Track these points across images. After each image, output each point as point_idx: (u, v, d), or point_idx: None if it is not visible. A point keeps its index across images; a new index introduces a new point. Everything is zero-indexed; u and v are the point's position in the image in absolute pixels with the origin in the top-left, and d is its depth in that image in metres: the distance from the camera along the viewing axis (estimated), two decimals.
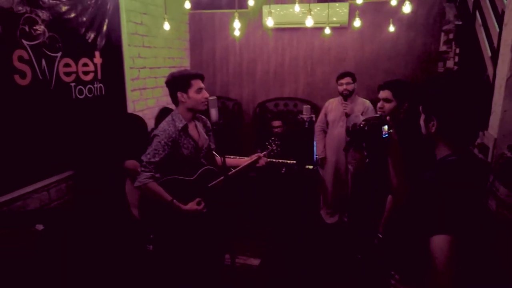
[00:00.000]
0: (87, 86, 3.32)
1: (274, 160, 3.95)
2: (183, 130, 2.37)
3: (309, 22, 3.18)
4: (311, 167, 4.04)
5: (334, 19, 4.70)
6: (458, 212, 1.14)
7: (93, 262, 2.50)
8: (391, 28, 4.36)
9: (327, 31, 4.00)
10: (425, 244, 1.15)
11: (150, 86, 4.47)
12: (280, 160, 4.00)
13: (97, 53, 3.44)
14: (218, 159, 2.66)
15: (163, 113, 3.11)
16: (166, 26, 3.72)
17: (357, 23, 4.08)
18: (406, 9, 3.09)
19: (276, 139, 2.79)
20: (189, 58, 5.51)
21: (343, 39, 4.94)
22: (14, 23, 2.60)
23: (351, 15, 4.64)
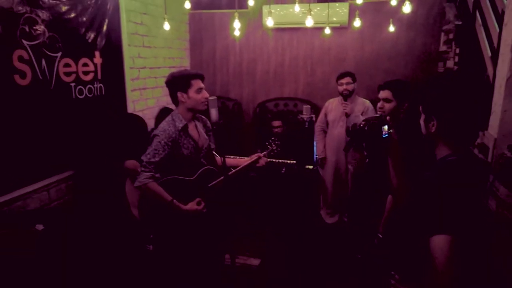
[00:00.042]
0: (87, 86, 3.32)
1: (274, 160, 3.95)
2: (183, 130, 2.37)
3: (309, 22, 3.18)
4: (311, 167, 4.05)
5: (334, 19, 4.70)
6: (458, 212, 1.14)
7: (93, 262, 2.50)
8: (391, 28, 4.36)
9: (327, 31, 4.00)
10: (425, 244, 1.15)
11: (150, 86, 4.47)
12: (280, 160, 4.00)
13: (97, 53, 3.44)
14: (218, 159, 2.66)
15: (163, 113, 3.11)
16: (166, 26, 3.72)
17: (357, 23, 4.08)
18: (406, 9, 3.09)
19: (276, 139, 2.79)
20: (189, 58, 5.51)
21: (343, 39, 4.95)
22: (14, 23, 2.60)
23: (351, 15, 4.64)
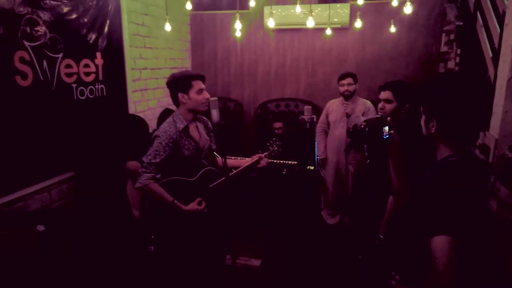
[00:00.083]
0: (88, 87, 3.33)
1: (275, 161, 3.95)
2: (184, 131, 2.37)
3: (310, 23, 3.19)
4: (312, 168, 4.05)
5: (335, 20, 4.70)
6: (459, 213, 1.14)
7: (94, 263, 2.51)
8: (392, 29, 4.36)
9: (328, 32, 4.00)
10: (426, 245, 1.15)
11: (151, 87, 4.47)
12: (281, 161, 4.00)
13: (98, 54, 3.45)
14: (219, 160, 2.66)
15: (166, 114, 3.10)
16: (167, 27, 3.73)
17: (358, 24, 4.08)
18: (407, 10, 3.09)
19: (277, 140, 2.79)
20: (190, 59, 5.52)
21: (344, 40, 4.95)
22: (16, 24, 2.60)
23: (352, 16, 4.64)
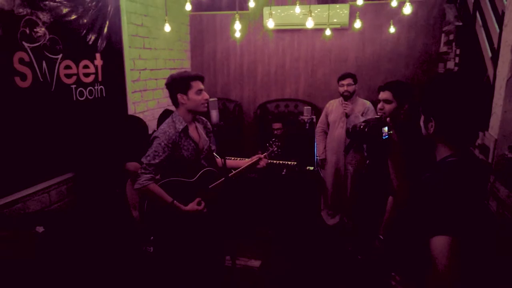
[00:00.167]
0: (88, 88, 3.33)
1: (275, 162, 3.95)
2: (184, 132, 2.37)
3: (310, 24, 3.19)
4: (312, 168, 4.04)
5: (335, 20, 4.70)
6: (458, 213, 1.13)
7: (94, 264, 2.50)
8: (392, 29, 4.36)
9: (328, 33, 3.99)
10: (426, 245, 1.15)
11: (151, 88, 4.47)
12: (281, 162, 4.00)
13: (98, 55, 3.45)
14: (219, 161, 2.66)
15: (165, 115, 3.11)
16: (167, 28, 3.72)
17: (358, 24, 4.08)
18: (407, 10, 3.09)
19: (277, 140, 2.79)
20: (190, 60, 5.52)
21: (344, 40, 4.95)
22: (15, 25, 2.60)
23: (352, 16, 4.64)
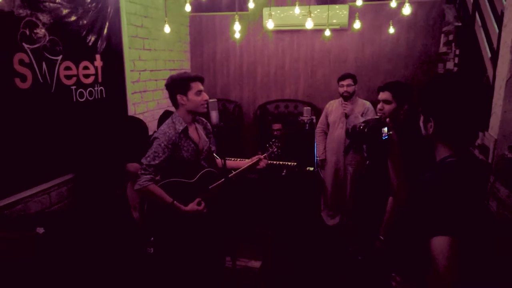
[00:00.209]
0: (88, 89, 3.33)
1: (275, 162, 3.94)
2: (183, 133, 2.37)
3: (309, 24, 3.19)
4: (312, 169, 4.04)
5: (334, 21, 4.71)
6: (458, 214, 1.14)
7: (94, 266, 2.50)
8: (391, 30, 4.36)
9: (327, 33, 4.00)
10: (426, 246, 1.15)
11: (151, 89, 4.48)
12: (281, 162, 3.99)
13: (98, 56, 3.45)
14: (219, 161, 2.66)
15: (165, 116, 3.10)
16: (167, 29, 3.73)
17: (357, 25, 4.09)
18: (406, 11, 3.09)
19: (277, 141, 2.79)
20: (190, 61, 5.52)
21: (343, 41, 4.95)
22: (15, 27, 2.60)
23: (351, 17, 4.65)
